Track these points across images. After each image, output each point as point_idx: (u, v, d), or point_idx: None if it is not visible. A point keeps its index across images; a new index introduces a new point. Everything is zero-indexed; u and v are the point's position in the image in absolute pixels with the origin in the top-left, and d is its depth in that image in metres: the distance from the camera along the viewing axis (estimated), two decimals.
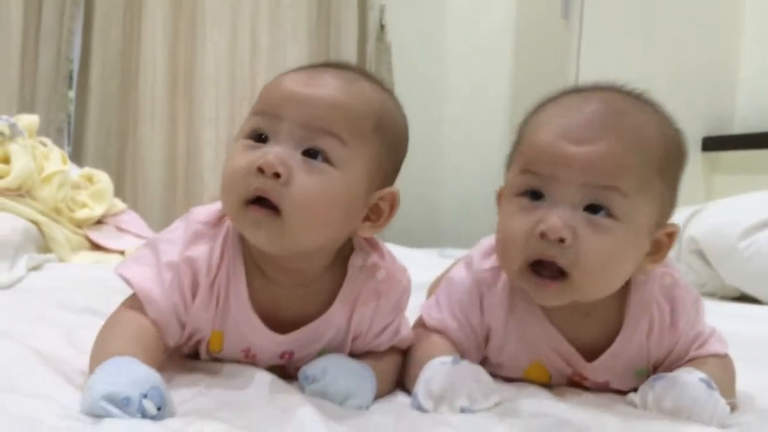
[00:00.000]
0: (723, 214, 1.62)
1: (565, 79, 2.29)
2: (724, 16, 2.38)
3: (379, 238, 2.35)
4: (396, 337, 0.77)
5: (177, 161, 2.51)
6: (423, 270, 1.23)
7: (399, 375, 0.78)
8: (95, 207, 1.64)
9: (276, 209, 0.65)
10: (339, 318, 0.74)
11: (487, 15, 2.71)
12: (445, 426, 0.61)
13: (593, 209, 0.66)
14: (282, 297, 0.73)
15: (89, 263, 1.47)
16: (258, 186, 0.65)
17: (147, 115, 2.47)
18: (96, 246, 1.61)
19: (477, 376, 0.68)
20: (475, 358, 0.79)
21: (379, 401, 0.71)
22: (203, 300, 0.71)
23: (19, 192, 1.52)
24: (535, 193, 0.68)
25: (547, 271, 0.67)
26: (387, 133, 0.70)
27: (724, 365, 0.77)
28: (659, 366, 0.77)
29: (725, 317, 1.30)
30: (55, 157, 1.62)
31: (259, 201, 0.65)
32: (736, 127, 2.37)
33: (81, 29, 2.47)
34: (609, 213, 0.66)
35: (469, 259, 0.80)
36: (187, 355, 0.77)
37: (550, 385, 0.78)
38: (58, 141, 2.40)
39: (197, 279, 0.70)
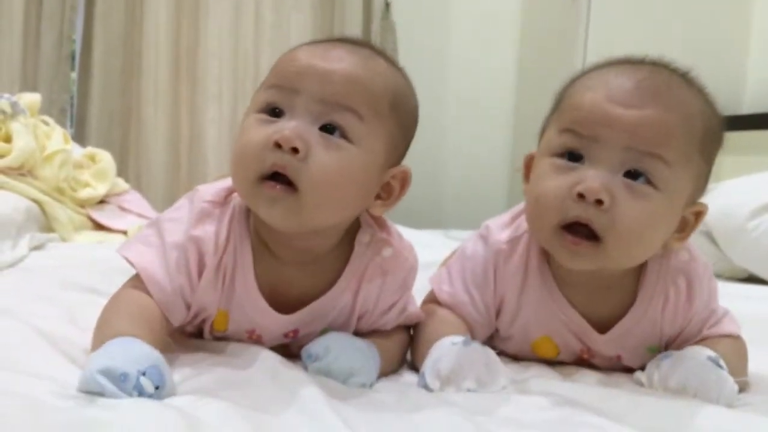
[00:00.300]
0: (731, 194, 1.60)
1: (572, 60, 2.27)
2: None
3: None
4: (402, 316, 0.77)
5: (180, 141, 2.50)
6: (429, 251, 1.22)
7: (406, 352, 0.78)
8: (98, 186, 1.63)
9: (292, 185, 0.64)
10: (345, 295, 0.73)
11: None
12: (449, 405, 0.61)
13: (633, 175, 0.65)
14: (288, 276, 0.72)
15: (92, 243, 1.46)
16: (275, 161, 0.63)
17: (150, 96, 2.45)
18: (99, 226, 1.60)
19: (487, 358, 0.68)
20: (485, 333, 0.79)
21: (385, 379, 0.71)
22: (209, 280, 0.70)
23: (21, 171, 1.51)
24: (574, 155, 0.67)
25: (580, 233, 0.66)
26: (402, 112, 0.69)
27: (737, 346, 0.77)
28: (671, 343, 0.76)
29: (733, 298, 1.29)
30: (57, 136, 1.61)
31: (274, 177, 0.64)
32: (745, 107, 2.34)
33: (83, 9, 2.45)
34: (649, 180, 0.65)
35: (485, 232, 0.79)
36: (191, 334, 0.76)
37: (558, 361, 0.78)
38: (60, 121, 2.38)
39: (203, 259, 0.69)
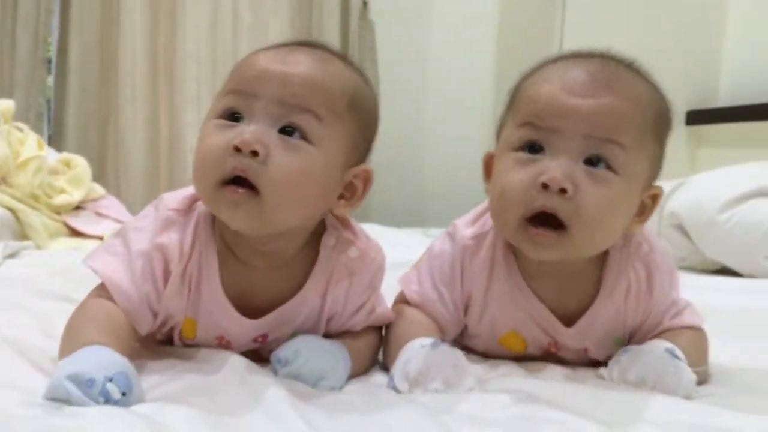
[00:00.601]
0: (703, 187, 1.62)
1: (550, 54, 2.28)
2: None
3: (363, 218, 2.35)
4: (371, 317, 0.77)
5: (159, 144, 2.49)
6: (407, 250, 1.23)
7: (377, 353, 0.79)
8: (73, 192, 1.63)
9: (254, 188, 0.64)
10: (312, 298, 0.73)
11: None
12: (415, 404, 0.62)
13: (593, 162, 0.68)
14: (255, 281, 0.72)
15: (67, 250, 1.45)
16: (235, 165, 0.64)
17: (128, 99, 2.43)
18: (75, 232, 1.60)
19: (455, 360, 0.68)
20: (455, 331, 0.80)
21: (354, 381, 0.71)
22: (175, 288, 0.70)
23: None
24: (534, 147, 0.69)
25: (544, 225, 0.68)
26: (361, 112, 0.70)
27: (697, 337, 0.78)
28: (635, 334, 0.78)
29: (705, 290, 1.31)
30: (31, 143, 1.60)
31: (236, 181, 0.64)
32: (720, 101, 2.37)
33: (59, 12, 2.43)
34: (608, 166, 0.68)
35: (452, 230, 0.80)
36: (161, 342, 0.76)
37: (526, 356, 0.79)
38: (37, 126, 2.37)
39: (169, 266, 0.70)
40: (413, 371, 0.66)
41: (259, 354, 0.74)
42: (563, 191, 0.66)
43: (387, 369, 0.75)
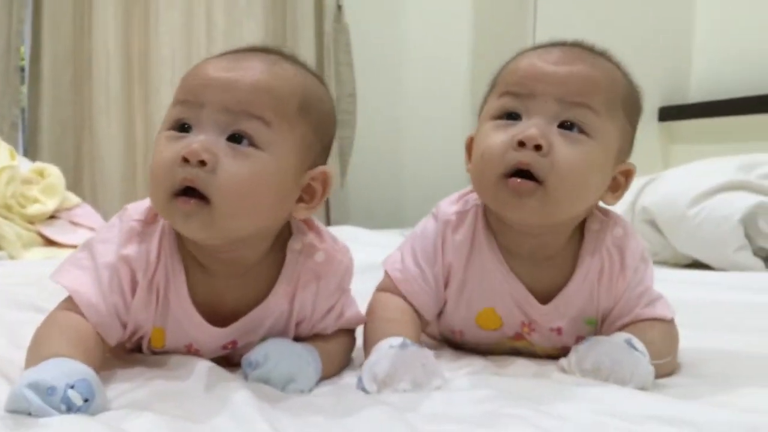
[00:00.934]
0: (673, 183, 1.65)
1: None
2: None
3: (342, 220, 2.35)
4: (341, 320, 0.77)
5: (135, 150, 2.48)
6: (384, 251, 1.24)
7: (350, 353, 0.79)
8: (47, 202, 1.62)
9: (205, 198, 0.64)
10: (280, 303, 0.73)
11: None
12: (382, 405, 0.62)
13: (567, 126, 0.72)
14: (222, 288, 0.72)
15: (41, 259, 1.45)
16: (184, 176, 0.64)
17: (102, 106, 2.42)
18: (49, 241, 1.59)
19: (423, 359, 0.69)
20: (435, 308, 0.82)
21: (324, 383, 0.72)
22: (142, 298, 0.70)
23: None
24: (512, 115, 0.73)
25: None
26: (313, 113, 0.70)
27: (667, 330, 0.79)
28: (607, 317, 0.80)
29: (676, 284, 1.33)
30: (3, 153, 1.59)
31: (187, 192, 0.65)
32: (691, 97, 2.40)
33: (31, 19, 2.41)
34: (581, 129, 0.72)
35: (436, 210, 0.83)
36: (131, 350, 0.76)
37: (500, 333, 0.81)
38: (12, 136, 2.35)
39: (135, 277, 0.70)
40: (381, 372, 0.67)
41: (230, 358, 0.75)
42: (538, 148, 0.70)
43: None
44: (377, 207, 2.64)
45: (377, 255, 1.24)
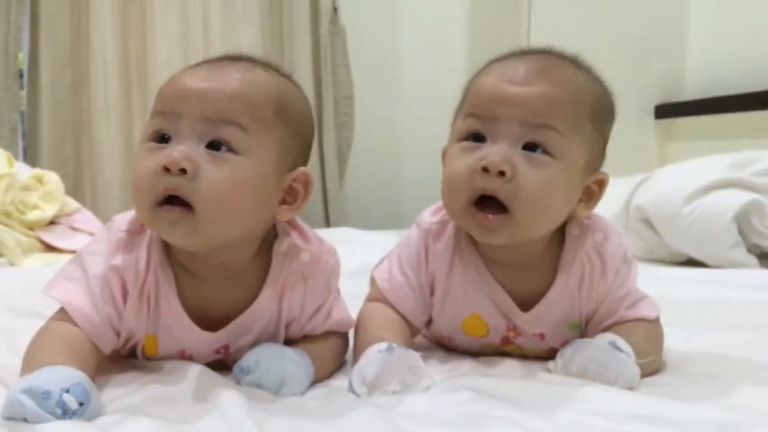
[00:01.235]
0: (667, 181, 1.66)
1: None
2: None
3: (341, 222, 2.35)
4: (329, 321, 0.79)
5: (134, 155, 2.48)
6: (381, 253, 1.25)
7: (342, 355, 0.81)
8: (46, 208, 1.63)
9: (188, 205, 0.66)
10: (269, 306, 0.75)
11: None
12: (370, 406, 0.63)
13: (531, 147, 0.72)
14: (211, 293, 0.73)
15: (40, 265, 1.46)
16: (166, 185, 0.65)
17: (101, 110, 2.43)
18: (49, 247, 1.60)
19: (410, 361, 0.70)
20: (423, 315, 0.83)
21: (316, 386, 0.73)
22: (133, 307, 0.71)
23: None
24: (478, 136, 0.74)
25: (490, 208, 0.72)
26: (289, 117, 0.71)
27: (651, 330, 0.80)
28: (591, 320, 0.80)
29: (670, 282, 1.34)
30: (1, 161, 1.60)
31: (170, 200, 0.66)
32: (687, 94, 2.41)
33: (28, 26, 2.43)
34: (545, 150, 0.72)
35: (420, 219, 0.85)
36: (125, 356, 0.77)
37: (487, 340, 0.82)
38: (11, 141, 2.36)
39: (126, 287, 0.71)
40: (370, 375, 0.68)
41: (224, 363, 0.76)
42: (502, 174, 0.70)
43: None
44: (376, 208, 2.65)
45: (375, 256, 1.26)
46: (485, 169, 0.71)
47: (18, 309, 1.03)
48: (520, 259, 0.79)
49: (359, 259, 1.39)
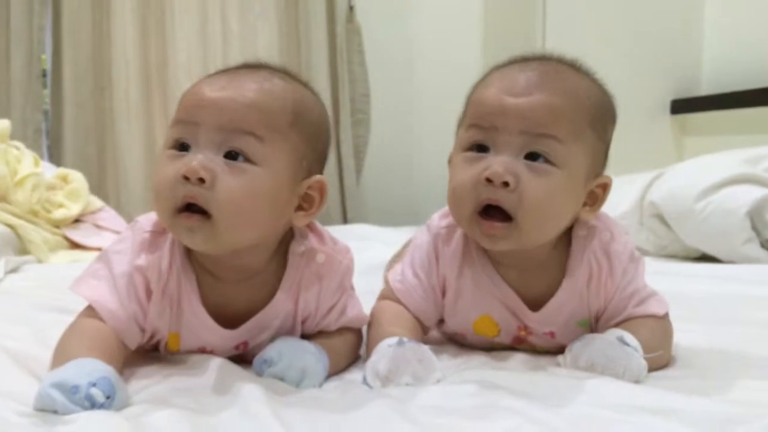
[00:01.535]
0: (680, 177, 1.66)
1: (533, 49, 2.32)
2: None
3: (359, 219, 2.37)
4: (342, 318, 0.81)
5: (156, 156, 2.52)
6: (397, 249, 1.28)
7: (356, 350, 0.83)
8: (71, 206, 1.67)
9: (206, 213, 0.68)
10: (285, 304, 0.77)
11: None
12: (385, 398, 0.66)
13: (532, 157, 0.73)
14: (231, 293, 0.76)
15: (66, 262, 1.50)
16: (185, 193, 0.68)
17: (123, 111, 2.47)
18: (75, 244, 1.64)
19: (420, 355, 0.73)
20: (435, 316, 0.85)
21: (332, 379, 0.76)
22: (157, 306, 0.74)
23: None
24: (481, 147, 0.75)
25: (495, 217, 0.74)
26: (305, 126, 0.73)
27: (659, 325, 0.81)
28: (600, 318, 0.82)
29: (683, 277, 1.35)
30: (28, 161, 1.65)
31: (189, 207, 0.69)
32: (703, 89, 2.40)
33: (51, 27, 2.47)
34: (547, 159, 0.73)
35: (430, 222, 0.87)
36: (149, 350, 0.80)
37: (499, 340, 0.84)
38: (36, 141, 2.41)
39: (150, 286, 0.74)
40: (383, 369, 0.71)
41: (244, 357, 0.79)
42: (506, 184, 0.72)
43: None
44: (392, 204, 2.67)
45: (391, 253, 1.28)
46: (489, 180, 0.72)
47: (46, 305, 1.07)
48: (527, 262, 0.80)
49: (376, 255, 1.41)
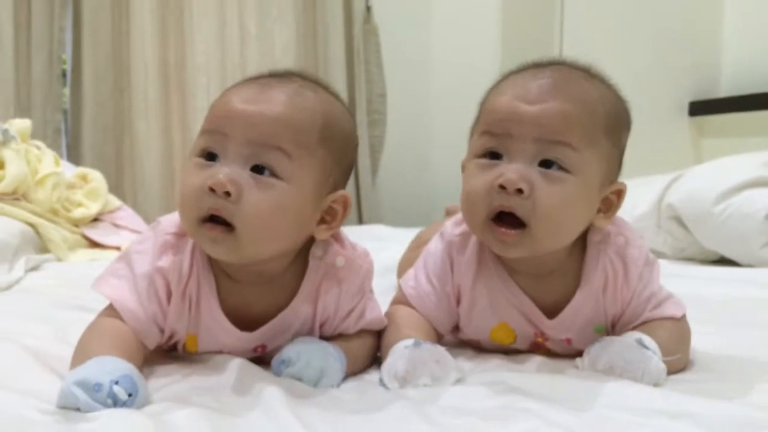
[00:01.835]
0: (698, 179, 1.65)
1: (551, 50, 2.31)
2: None
3: (375, 220, 2.37)
4: (361, 321, 0.81)
5: (173, 155, 2.55)
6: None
7: (373, 352, 0.83)
8: (90, 205, 1.69)
9: (229, 225, 0.69)
10: (304, 308, 0.78)
11: None
12: (403, 399, 0.66)
13: (546, 164, 0.73)
14: (249, 296, 0.77)
15: (86, 261, 1.52)
16: (210, 205, 0.68)
17: (141, 112, 2.49)
18: (93, 243, 1.66)
19: (437, 356, 0.73)
20: (449, 323, 0.85)
21: (350, 380, 0.76)
22: (176, 307, 0.75)
23: (15, 196, 1.58)
24: (494, 154, 0.75)
25: (508, 223, 0.73)
26: (333, 141, 0.73)
27: (677, 328, 0.81)
28: (617, 323, 0.82)
29: (701, 280, 1.34)
30: (48, 160, 1.67)
31: (213, 218, 0.69)
32: (722, 91, 2.38)
33: (71, 28, 2.50)
34: (561, 167, 0.73)
35: (443, 230, 0.86)
36: (167, 350, 0.81)
37: (515, 347, 0.84)
38: (56, 141, 2.44)
39: (170, 287, 0.74)
40: (400, 370, 0.71)
41: (262, 359, 0.79)
42: (520, 191, 0.72)
43: None
44: (408, 205, 2.67)
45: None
46: (502, 187, 0.72)
47: (66, 303, 1.08)
48: (542, 268, 0.80)
49: (391, 257, 1.42)
